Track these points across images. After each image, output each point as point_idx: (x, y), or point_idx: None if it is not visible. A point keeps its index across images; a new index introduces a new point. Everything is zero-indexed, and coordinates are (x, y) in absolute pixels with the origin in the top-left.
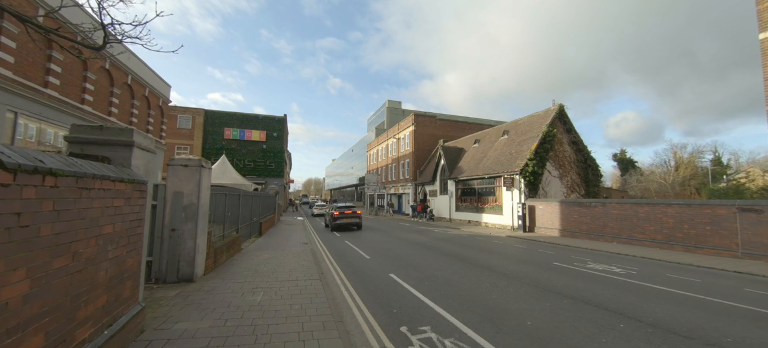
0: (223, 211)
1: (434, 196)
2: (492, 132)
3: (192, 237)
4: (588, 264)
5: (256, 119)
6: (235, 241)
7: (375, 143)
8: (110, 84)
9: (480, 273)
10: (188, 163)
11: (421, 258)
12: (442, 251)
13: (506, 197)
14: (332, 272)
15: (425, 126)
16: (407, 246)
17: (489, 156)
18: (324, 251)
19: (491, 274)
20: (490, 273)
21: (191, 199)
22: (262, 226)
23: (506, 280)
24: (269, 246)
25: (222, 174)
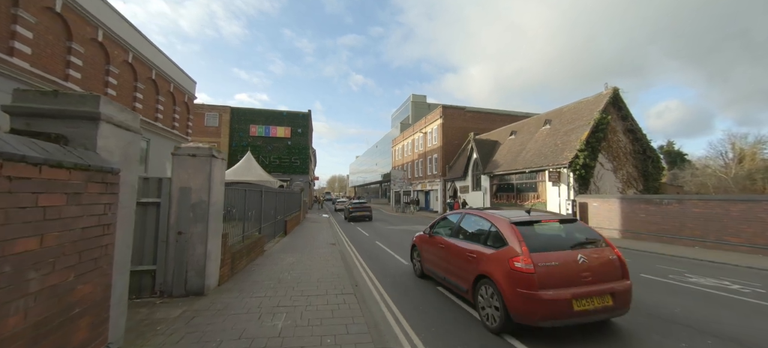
0: (243, 210)
1: (466, 192)
2: (531, 122)
3: (202, 241)
4: (687, 277)
5: (280, 115)
6: (257, 243)
7: (400, 138)
8: (134, 78)
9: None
10: (197, 152)
11: None
12: None
13: (551, 193)
14: (368, 283)
15: (454, 119)
16: None
17: (529, 148)
18: (354, 254)
19: None
20: None
21: (200, 195)
22: (288, 224)
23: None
24: (295, 247)
25: (247, 171)
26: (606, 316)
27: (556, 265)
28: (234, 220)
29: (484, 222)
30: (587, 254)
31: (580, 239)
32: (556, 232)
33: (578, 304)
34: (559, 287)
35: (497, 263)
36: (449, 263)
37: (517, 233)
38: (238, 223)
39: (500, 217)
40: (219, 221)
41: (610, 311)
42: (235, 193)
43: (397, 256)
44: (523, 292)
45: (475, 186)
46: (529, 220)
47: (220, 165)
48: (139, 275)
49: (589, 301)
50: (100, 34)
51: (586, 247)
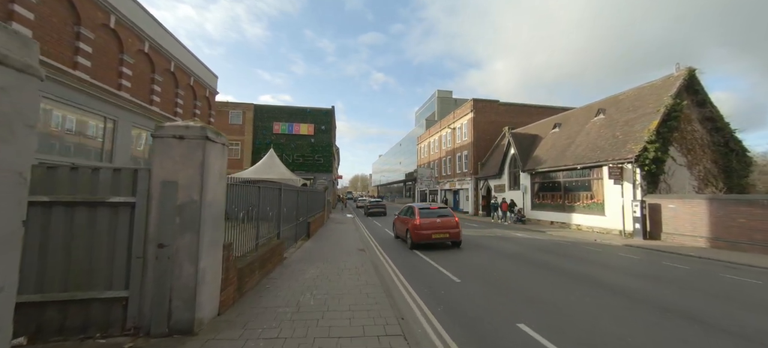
0: (256, 212)
1: (501, 191)
2: (578, 113)
3: (192, 257)
4: None
5: (303, 112)
6: (274, 251)
7: (426, 135)
8: (151, 70)
9: (675, 325)
10: (185, 133)
11: (538, 283)
12: (558, 270)
13: (612, 192)
14: (415, 311)
15: (485, 112)
16: (502, 260)
17: (579, 142)
18: (389, 264)
19: (707, 331)
20: (697, 326)
21: (190, 193)
22: (311, 226)
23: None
24: (319, 254)
25: (269, 169)
26: (448, 242)
27: (428, 222)
28: (246, 223)
29: (411, 208)
30: (442, 219)
31: (441, 213)
32: (433, 211)
33: (435, 235)
34: (428, 230)
35: (411, 223)
36: (400, 227)
37: (417, 211)
38: (252, 227)
39: (415, 206)
40: (218, 229)
41: (449, 240)
42: (247, 190)
43: (435, 264)
44: (417, 232)
45: (512, 184)
46: (424, 206)
47: (220, 152)
48: (105, 305)
49: (438, 235)
50: (112, 20)
51: (443, 217)
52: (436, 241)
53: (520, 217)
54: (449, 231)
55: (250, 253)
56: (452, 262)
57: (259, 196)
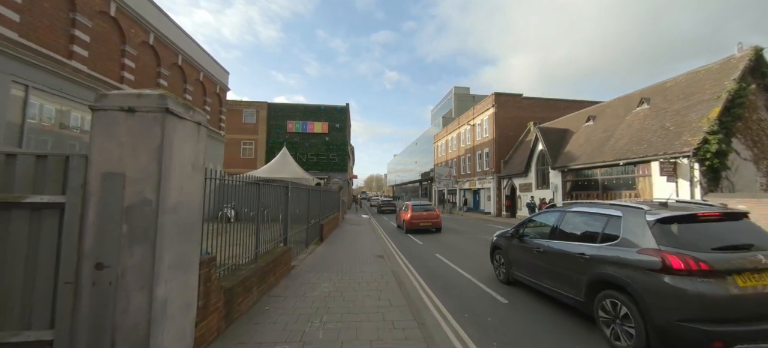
0: (257, 215)
1: (527, 190)
2: (616, 104)
3: (143, 282)
4: None
5: (317, 110)
6: (279, 260)
7: (443, 133)
8: (157, 63)
9: None
10: (136, 104)
11: None
12: None
13: (663, 191)
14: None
15: (508, 107)
16: None
17: (619, 134)
18: (412, 275)
19: None
20: None
21: (143, 190)
22: (324, 228)
23: None
24: (332, 262)
25: (282, 168)
26: (431, 228)
27: (418, 213)
28: (242, 227)
29: (406, 205)
30: (427, 212)
31: (427, 208)
32: (421, 206)
33: (421, 223)
34: (417, 220)
35: (405, 215)
36: (399, 219)
37: (410, 207)
38: (251, 233)
39: (409, 203)
40: (188, 241)
41: (432, 227)
42: (244, 190)
43: (471, 277)
44: (407, 221)
45: (540, 183)
46: (416, 204)
47: (192, 133)
48: None
49: (424, 222)
50: (112, 8)
51: (428, 211)
52: (423, 227)
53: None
54: (432, 220)
55: (247, 265)
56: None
57: (259, 196)
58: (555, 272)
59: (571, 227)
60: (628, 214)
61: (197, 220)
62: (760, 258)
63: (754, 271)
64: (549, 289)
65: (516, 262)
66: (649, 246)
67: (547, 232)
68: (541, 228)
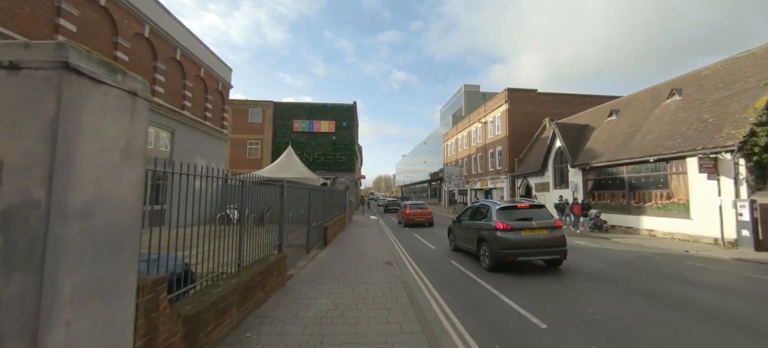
0: (241, 218)
1: (544, 190)
2: (641, 97)
3: (24, 326)
4: None
5: (324, 109)
6: (269, 272)
7: (453, 132)
8: (153, 57)
9: None
10: (22, 60)
11: (668, 331)
12: (684, 304)
13: (701, 190)
14: None
15: (522, 103)
16: (586, 284)
17: (647, 129)
18: (426, 286)
19: None
20: None
21: (26, 186)
22: (328, 231)
23: None
24: (335, 270)
25: (287, 168)
26: (425, 223)
27: (414, 211)
28: (224, 232)
29: (405, 204)
30: (421, 210)
31: (421, 206)
32: (416, 205)
33: (416, 218)
34: (412, 216)
35: (404, 212)
36: (399, 215)
37: (408, 206)
38: (234, 239)
39: (406, 203)
40: (116, 258)
41: (425, 222)
42: (226, 189)
43: (493, 290)
44: (405, 217)
45: (558, 182)
46: (412, 203)
47: (119, 104)
48: None
49: (418, 218)
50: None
51: (422, 208)
52: (417, 222)
53: (598, 224)
54: (425, 217)
55: (229, 279)
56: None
57: (243, 197)
58: (468, 237)
59: (476, 214)
60: (493, 207)
61: (131, 228)
62: (533, 224)
63: (530, 229)
64: (465, 246)
65: (457, 236)
66: (495, 220)
67: (468, 217)
68: (465, 215)
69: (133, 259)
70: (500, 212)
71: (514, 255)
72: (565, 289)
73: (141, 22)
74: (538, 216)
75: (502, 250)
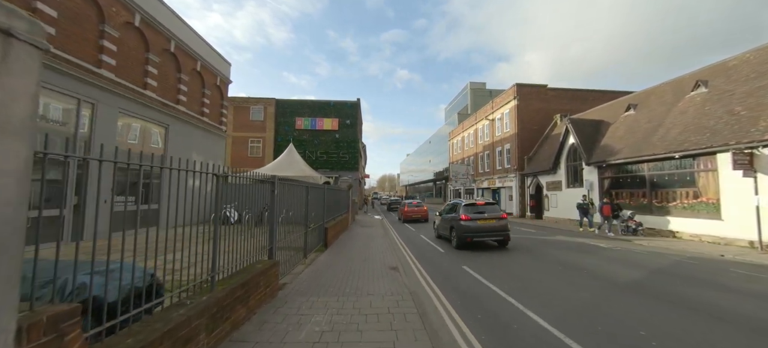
0: (216, 219)
1: (556, 189)
2: (662, 90)
3: None
4: None
5: (327, 106)
6: (254, 283)
7: (459, 130)
8: (144, 48)
9: None
10: None
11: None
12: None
13: (734, 188)
14: None
15: (531, 99)
16: (608, 292)
17: (670, 124)
18: (438, 297)
19: None
20: None
21: None
22: (328, 232)
23: None
24: (334, 278)
25: (288, 166)
26: (421, 219)
27: (411, 209)
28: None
29: (404, 202)
30: (418, 208)
31: (419, 206)
32: (415, 204)
33: (413, 215)
34: (410, 213)
35: (402, 210)
36: (399, 213)
37: (406, 204)
38: (244, 237)
39: (405, 201)
40: None
41: (421, 218)
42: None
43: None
44: (406, 213)
45: (571, 181)
46: (410, 202)
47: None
48: None
49: (415, 214)
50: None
51: (420, 207)
52: (414, 218)
53: (632, 227)
54: (421, 214)
55: (194, 297)
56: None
57: (218, 192)
58: (444, 226)
59: (451, 210)
60: (460, 204)
61: (8, 233)
62: (486, 215)
63: (483, 219)
64: (443, 233)
65: (438, 227)
66: (461, 214)
67: (446, 212)
68: (444, 211)
69: (10, 284)
70: (464, 207)
71: (471, 237)
72: (598, 303)
73: (131, 11)
74: (490, 210)
75: (463, 234)
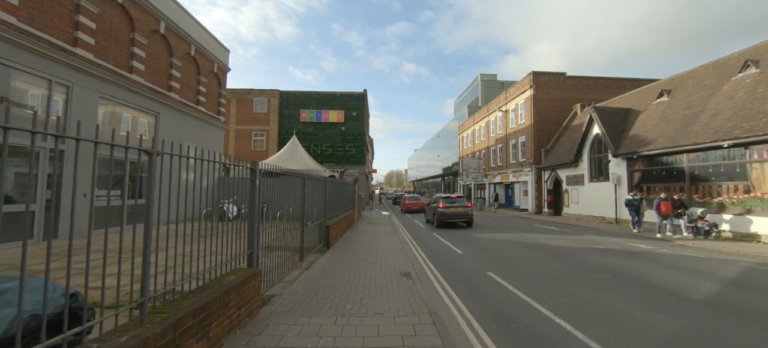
0: (147, 218)
1: (578, 183)
2: (701, 72)
3: None
4: None
5: (333, 97)
6: (222, 303)
7: (469, 122)
8: (130, 28)
9: None
10: None
11: None
12: None
13: None
14: None
15: (549, 89)
16: (720, 321)
17: (714, 109)
18: (463, 315)
19: None
20: None
21: None
22: (331, 231)
23: None
24: (333, 289)
25: (291, 159)
26: (419, 210)
27: (411, 202)
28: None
29: (404, 197)
30: (417, 201)
31: (417, 199)
32: (415, 197)
33: (413, 207)
34: (410, 205)
35: (403, 202)
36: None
37: (407, 198)
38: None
39: (406, 196)
40: None
41: (419, 210)
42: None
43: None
44: (406, 205)
45: (595, 174)
46: (411, 196)
47: None
48: None
49: (415, 206)
50: None
51: (418, 200)
52: (414, 209)
53: (703, 228)
54: (420, 206)
55: (113, 337)
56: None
57: (151, 177)
58: (430, 214)
59: (434, 202)
60: (440, 197)
61: None
62: (456, 205)
63: (454, 207)
64: (430, 219)
65: (427, 214)
66: (440, 204)
67: (432, 203)
68: (430, 202)
69: None
70: (442, 199)
71: (445, 219)
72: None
73: None
74: (460, 201)
75: (441, 218)
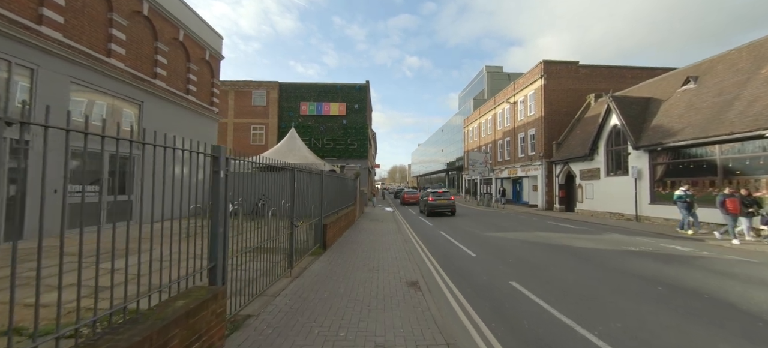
0: (43, 216)
1: (593, 178)
2: (733, 57)
3: None
4: None
5: (334, 89)
6: (159, 341)
7: (475, 116)
8: (107, 7)
9: None
10: None
11: None
12: None
13: None
14: None
15: (560, 78)
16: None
17: (750, 96)
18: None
19: None
20: None
21: None
22: (328, 230)
23: None
24: (325, 308)
25: (289, 152)
26: (416, 203)
27: (409, 195)
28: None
29: (403, 191)
30: (414, 195)
31: (414, 193)
32: (411, 191)
33: (410, 200)
34: (408, 198)
35: (402, 197)
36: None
37: (405, 191)
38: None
39: (404, 190)
40: None
41: (416, 203)
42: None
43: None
44: (404, 199)
45: (612, 168)
46: (409, 191)
47: None
48: None
49: (411, 199)
50: None
51: (415, 194)
52: (411, 202)
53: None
54: (415, 199)
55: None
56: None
57: (66, 168)
58: (422, 205)
59: (426, 195)
60: (430, 191)
61: None
62: (442, 198)
63: (440, 200)
64: (422, 208)
65: (420, 206)
66: (429, 197)
67: (424, 197)
68: (424, 195)
69: None
70: (431, 193)
71: (433, 210)
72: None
73: None
74: (445, 195)
75: (429, 208)
